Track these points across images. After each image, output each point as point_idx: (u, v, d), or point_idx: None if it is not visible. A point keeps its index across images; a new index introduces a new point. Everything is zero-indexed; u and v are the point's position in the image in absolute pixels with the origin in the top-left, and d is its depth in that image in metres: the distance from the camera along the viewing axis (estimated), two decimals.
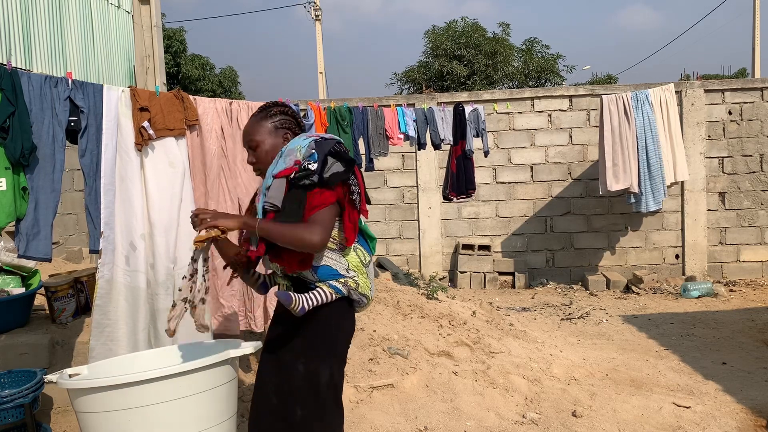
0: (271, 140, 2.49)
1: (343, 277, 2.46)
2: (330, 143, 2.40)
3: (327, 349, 2.47)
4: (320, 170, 2.32)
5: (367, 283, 2.54)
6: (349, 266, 2.49)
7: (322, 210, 2.32)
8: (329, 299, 2.44)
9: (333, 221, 2.37)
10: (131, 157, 3.31)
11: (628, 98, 8.05)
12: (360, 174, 2.52)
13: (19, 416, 3.14)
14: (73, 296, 4.24)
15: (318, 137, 2.44)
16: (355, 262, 2.51)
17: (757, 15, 18.63)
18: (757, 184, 8.96)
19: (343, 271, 2.46)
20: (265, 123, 2.51)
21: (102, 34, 8.24)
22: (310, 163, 2.32)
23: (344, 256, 2.48)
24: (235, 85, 24.80)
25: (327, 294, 2.43)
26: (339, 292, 2.45)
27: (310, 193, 2.32)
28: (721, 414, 4.17)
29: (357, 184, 2.44)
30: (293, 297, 2.40)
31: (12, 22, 6.49)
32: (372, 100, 8.64)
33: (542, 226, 9.27)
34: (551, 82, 23.87)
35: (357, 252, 2.52)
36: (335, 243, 2.45)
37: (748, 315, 6.92)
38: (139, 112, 3.31)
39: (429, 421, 3.93)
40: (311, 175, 2.30)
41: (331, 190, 2.34)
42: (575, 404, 4.26)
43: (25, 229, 2.96)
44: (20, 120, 2.88)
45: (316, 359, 2.44)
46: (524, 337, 5.67)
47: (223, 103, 3.91)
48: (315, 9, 21.60)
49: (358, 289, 2.50)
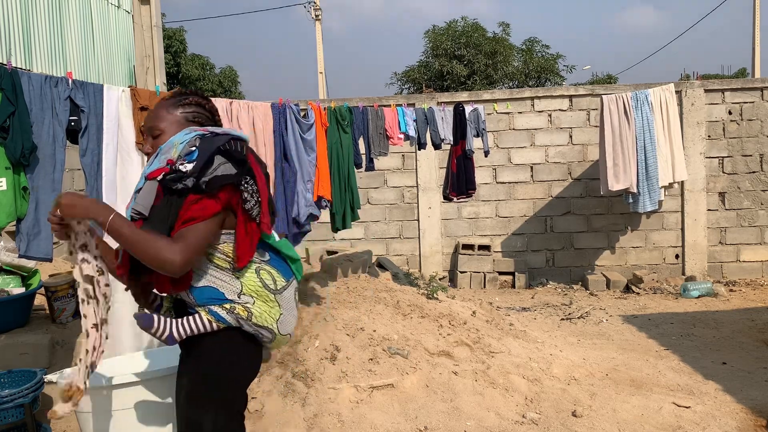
0: (176, 132, 2.07)
1: (229, 303, 2.02)
2: (221, 139, 1.99)
3: (209, 394, 2.04)
4: (198, 172, 1.91)
5: (272, 313, 2.08)
6: (243, 290, 2.04)
7: (195, 225, 1.91)
8: (209, 329, 2.01)
9: (207, 239, 1.95)
10: (132, 157, 3.32)
11: (628, 98, 8.05)
12: (264, 178, 2.10)
13: (19, 416, 3.14)
14: (73, 296, 4.24)
15: (208, 132, 2.03)
16: (254, 286, 2.05)
17: (757, 15, 18.63)
18: (757, 184, 8.96)
19: (231, 295, 2.03)
20: (175, 112, 2.12)
21: (102, 34, 8.24)
22: (184, 163, 1.92)
23: (238, 278, 2.04)
24: (235, 85, 24.81)
25: (205, 322, 2.01)
26: (222, 321, 2.01)
27: (186, 201, 1.91)
28: (721, 414, 4.17)
29: (256, 190, 2.02)
30: (155, 321, 2.01)
31: (12, 22, 6.49)
32: (372, 100, 8.64)
33: (542, 226, 9.27)
34: (551, 82, 23.88)
35: (261, 274, 2.08)
36: (227, 261, 2.02)
37: (748, 315, 6.92)
38: (139, 112, 3.32)
39: (429, 421, 3.93)
40: (184, 179, 1.90)
41: (211, 198, 1.93)
42: (575, 404, 4.26)
43: (25, 228, 2.96)
44: (20, 120, 2.88)
45: (195, 406, 2.04)
46: (524, 337, 5.67)
47: (223, 102, 3.92)
48: (315, 9, 21.60)
49: (252, 320, 2.03)
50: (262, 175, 2.08)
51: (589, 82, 28.01)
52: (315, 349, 4.56)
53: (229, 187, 1.96)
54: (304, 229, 4.39)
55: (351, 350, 4.52)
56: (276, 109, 4.21)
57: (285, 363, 4.41)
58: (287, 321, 2.14)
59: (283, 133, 4.22)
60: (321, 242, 8.91)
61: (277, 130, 4.17)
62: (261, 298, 2.06)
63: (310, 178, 4.40)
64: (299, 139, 4.35)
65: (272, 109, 4.20)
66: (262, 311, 2.05)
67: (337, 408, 3.96)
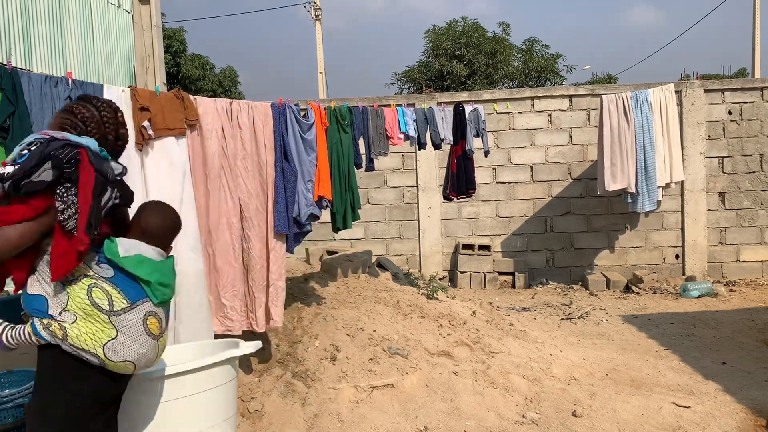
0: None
1: (48, 318, 1.95)
2: (54, 145, 1.93)
3: (40, 417, 1.96)
4: (21, 176, 1.88)
5: (98, 336, 1.94)
6: (67, 306, 1.94)
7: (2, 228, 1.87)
8: (30, 342, 1.96)
9: (10, 244, 1.89)
10: (131, 157, 3.31)
11: (627, 98, 8.05)
12: (103, 189, 2.02)
13: (19, 416, 3.14)
14: None
15: (48, 135, 1.99)
16: (81, 304, 1.95)
17: (757, 15, 18.62)
18: (757, 184, 8.96)
19: (53, 309, 1.95)
20: (57, 117, 2.18)
21: (102, 34, 8.24)
22: (7, 165, 1.93)
23: (67, 292, 1.96)
24: (235, 85, 24.78)
25: (25, 334, 1.98)
26: (39, 336, 1.95)
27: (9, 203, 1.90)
28: (721, 414, 4.17)
29: (74, 202, 1.91)
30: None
31: (12, 22, 6.49)
32: (372, 100, 8.64)
33: (542, 226, 9.27)
34: (551, 82, 23.87)
35: (94, 292, 1.96)
36: (48, 274, 1.96)
37: (748, 315, 6.92)
38: (139, 112, 3.32)
39: (429, 421, 3.93)
40: (3, 181, 1.89)
41: (22, 203, 1.88)
42: (575, 404, 4.26)
43: None
44: (20, 120, 2.88)
45: (30, 427, 1.97)
46: (524, 337, 5.67)
47: (223, 102, 3.92)
48: (315, 9, 21.59)
49: (68, 340, 1.91)
50: (92, 185, 1.94)
51: (589, 82, 28.01)
52: (315, 349, 4.56)
53: (47, 193, 1.89)
54: (305, 229, 4.39)
55: (351, 350, 4.52)
56: (276, 109, 4.21)
57: (285, 363, 4.41)
58: (125, 347, 1.98)
59: (283, 133, 4.21)
60: (321, 242, 8.91)
61: (277, 130, 4.17)
62: (89, 317, 1.93)
63: (311, 177, 4.40)
64: (299, 138, 4.34)
65: (272, 109, 4.19)
66: (83, 332, 1.91)
67: (337, 408, 3.96)
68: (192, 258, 3.50)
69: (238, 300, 3.98)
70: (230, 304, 3.93)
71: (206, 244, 3.81)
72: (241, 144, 3.95)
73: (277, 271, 4.11)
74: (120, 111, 2.28)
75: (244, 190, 3.97)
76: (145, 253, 2.11)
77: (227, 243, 3.91)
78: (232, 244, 3.94)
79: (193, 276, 3.49)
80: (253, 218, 4.01)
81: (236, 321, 3.97)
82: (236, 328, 3.96)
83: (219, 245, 3.87)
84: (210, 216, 3.84)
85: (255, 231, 4.02)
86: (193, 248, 3.52)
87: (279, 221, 4.10)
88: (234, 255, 3.95)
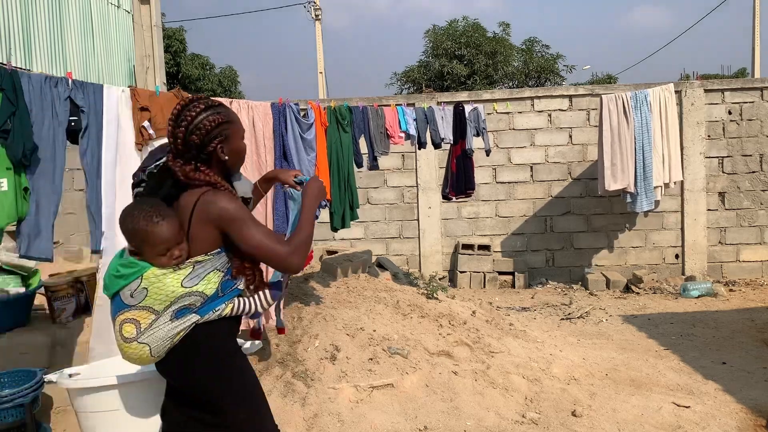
0: None
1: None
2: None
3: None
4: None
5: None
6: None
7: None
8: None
9: None
10: (132, 157, 3.32)
11: (627, 98, 8.05)
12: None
13: (19, 416, 3.14)
14: (73, 296, 4.24)
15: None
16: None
17: (757, 15, 18.62)
18: (756, 183, 8.97)
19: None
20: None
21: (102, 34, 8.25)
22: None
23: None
24: (235, 84, 24.79)
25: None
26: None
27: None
28: (721, 414, 4.18)
29: None
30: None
31: (12, 22, 6.49)
32: (372, 100, 8.64)
33: (542, 225, 9.27)
34: (551, 82, 23.88)
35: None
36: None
37: (748, 315, 6.92)
38: (139, 112, 3.32)
39: (429, 421, 3.93)
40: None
41: None
42: (575, 404, 4.26)
43: (26, 229, 2.96)
44: (21, 120, 2.88)
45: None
46: (524, 337, 5.67)
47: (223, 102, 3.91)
48: (315, 9, 21.59)
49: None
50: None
51: (589, 82, 28.01)
52: (315, 349, 4.56)
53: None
54: None
55: (351, 350, 4.52)
56: (276, 109, 4.21)
57: (285, 363, 4.41)
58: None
59: (282, 132, 4.22)
60: (321, 242, 8.91)
61: (276, 130, 4.17)
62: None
63: None
64: (299, 138, 4.35)
65: (272, 108, 4.20)
66: None
67: (337, 408, 3.96)
68: None
69: None
70: None
71: None
72: None
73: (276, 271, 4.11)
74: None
75: None
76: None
77: None
78: None
79: None
80: None
81: None
82: None
83: None
84: None
85: None
86: None
87: (278, 221, 4.10)
88: None
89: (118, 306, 2.15)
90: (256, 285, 2.31)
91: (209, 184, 2.19)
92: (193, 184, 2.19)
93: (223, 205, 2.14)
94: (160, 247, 2.12)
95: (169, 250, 2.13)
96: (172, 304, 2.12)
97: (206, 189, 2.18)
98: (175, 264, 2.14)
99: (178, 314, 2.12)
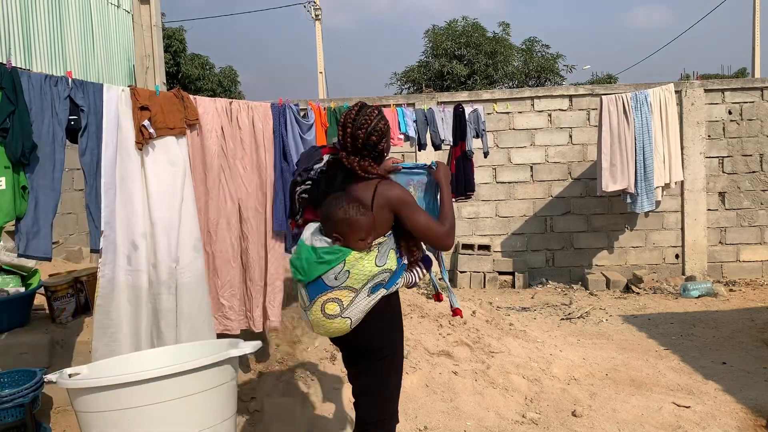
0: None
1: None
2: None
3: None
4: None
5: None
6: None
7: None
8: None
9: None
10: (132, 156, 3.31)
11: (627, 98, 8.05)
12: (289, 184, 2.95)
13: (19, 416, 3.14)
14: (72, 296, 4.24)
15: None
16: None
17: (757, 15, 18.62)
18: (756, 183, 8.96)
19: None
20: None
21: (102, 33, 8.24)
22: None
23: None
24: (235, 84, 24.79)
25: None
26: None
27: None
28: (721, 414, 4.17)
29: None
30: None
31: (12, 22, 6.49)
32: (372, 100, 8.64)
33: (542, 225, 9.27)
34: (551, 82, 23.88)
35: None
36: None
37: (748, 315, 6.92)
38: (139, 111, 3.31)
39: (429, 421, 3.93)
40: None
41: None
42: (575, 404, 4.26)
43: (25, 228, 2.95)
44: (20, 119, 2.88)
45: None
46: (524, 337, 5.67)
47: (223, 102, 3.91)
48: (315, 9, 21.59)
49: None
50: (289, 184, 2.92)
51: (589, 82, 28.02)
52: (315, 349, 4.56)
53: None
54: None
55: None
56: (276, 109, 4.20)
57: (285, 363, 4.41)
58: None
59: (282, 133, 4.21)
60: None
61: (276, 131, 4.16)
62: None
63: None
64: (299, 139, 4.34)
65: (272, 109, 4.19)
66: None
67: (337, 408, 3.96)
68: (194, 257, 3.49)
69: (237, 300, 3.98)
70: (229, 304, 3.93)
71: (205, 243, 3.81)
72: (240, 144, 3.95)
73: (275, 270, 4.11)
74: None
75: (243, 190, 3.96)
76: (303, 234, 2.61)
77: (226, 243, 3.91)
78: (231, 244, 3.93)
79: (194, 276, 3.48)
80: (252, 218, 4.01)
81: (234, 320, 3.97)
82: (234, 328, 3.96)
83: (218, 245, 3.87)
84: (209, 216, 3.83)
85: (254, 231, 4.02)
86: (196, 247, 3.51)
87: (277, 221, 4.10)
88: (233, 255, 3.95)
89: (320, 288, 2.48)
90: (415, 260, 2.73)
91: (379, 176, 2.63)
92: (367, 177, 2.60)
93: (398, 192, 2.58)
94: (361, 233, 2.48)
95: (368, 235, 2.50)
96: (368, 282, 2.48)
97: (378, 180, 2.60)
98: (368, 247, 2.51)
99: (372, 290, 2.49)
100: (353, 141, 2.58)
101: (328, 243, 2.51)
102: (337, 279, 2.46)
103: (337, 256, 2.46)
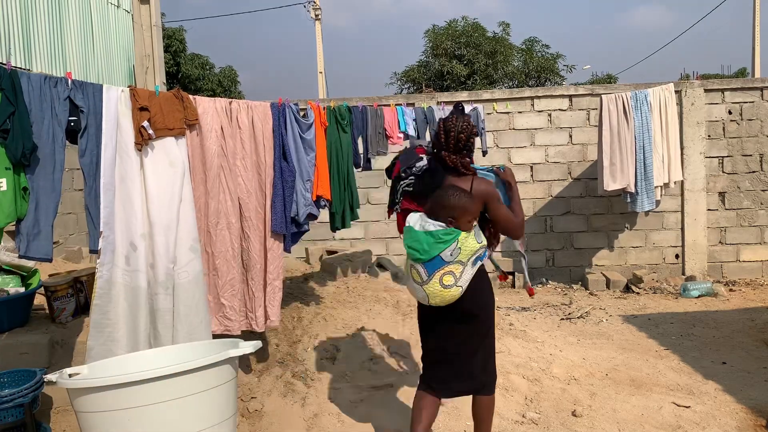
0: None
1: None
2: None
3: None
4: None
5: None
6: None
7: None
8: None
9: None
10: (131, 157, 3.30)
11: (627, 98, 8.05)
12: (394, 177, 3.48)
13: (18, 416, 3.14)
14: (72, 296, 4.24)
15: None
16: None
17: (757, 15, 18.62)
18: (756, 183, 8.96)
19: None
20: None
21: (102, 34, 8.25)
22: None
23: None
24: (235, 84, 24.78)
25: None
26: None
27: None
28: (721, 414, 4.18)
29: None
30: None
31: (12, 22, 6.49)
32: (372, 100, 8.64)
33: (542, 225, 9.27)
34: (551, 82, 23.87)
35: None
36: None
37: (748, 315, 6.92)
38: (138, 112, 3.31)
39: None
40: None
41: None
42: (575, 404, 4.26)
43: (25, 229, 2.95)
44: (20, 120, 2.87)
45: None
46: (524, 337, 5.67)
47: (222, 102, 3.91)
48: (315, 8, 21.59)
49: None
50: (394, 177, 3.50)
51: (589, 82, 28.02)
52: (315, 349, 4.56)
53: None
54: (303, 229, 4.39)
55: (351, 350, 4.52)
56: (275, 109, 4.20)
57: (285, 363, 4.41)
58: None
59: (282, 132, 4.21)
60: (321, 242, 8.91)
61: (276, 130, 4.16)
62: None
63: (309, 177, 4.40)
64: (298, 138, 4.34)
65: (272, 108, 4.19)
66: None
67: (337, 408, 3.96)
68: (192, 258, 3.49)
69: (237, 300, 3.98)
70: (229, 304, 3.93)
71: (205, 243, 3.81)
72: (240, 144, 3.95)
73: (274, 270, 4.11)
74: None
75: (243, 189, 3.96)
76: (409, 222, 3.03)
77: (226, 243, 3.91)
78: (231, 244, 3.93)
79: (191, 276, 3.48)
80: (252, 218, 4.01)
81: (235, 321, 3.96)
82: (235, 328, 3.96)
83: (218, 245, 3.87)
84: (209, 216, 3.83)
85: (254, 231, 4.02)
86: (193, 248, 3.51)
87: (276, 221, 4.10)
88: (233, 255, 3.95)
89: (438, 264, 2.92)
90: (497, 241, 3.34)
91: (473, 172, 3.14)
92: (466, 172, 3.10)
93: (489, 187, 3.12)
94: (469, 216, 2.99)
95: (474, 218, 3.03)
96: (472, 255, 2.95)
97: (473, 176, 3.11)
98: (471, 228, 3.00)
99: (475, 262, 2.99)
100: (456, 143, 3.10)
101: (442, 226, 2.94)
102: (452, 255, 2.90)
103: (453, 236, 2.91)
